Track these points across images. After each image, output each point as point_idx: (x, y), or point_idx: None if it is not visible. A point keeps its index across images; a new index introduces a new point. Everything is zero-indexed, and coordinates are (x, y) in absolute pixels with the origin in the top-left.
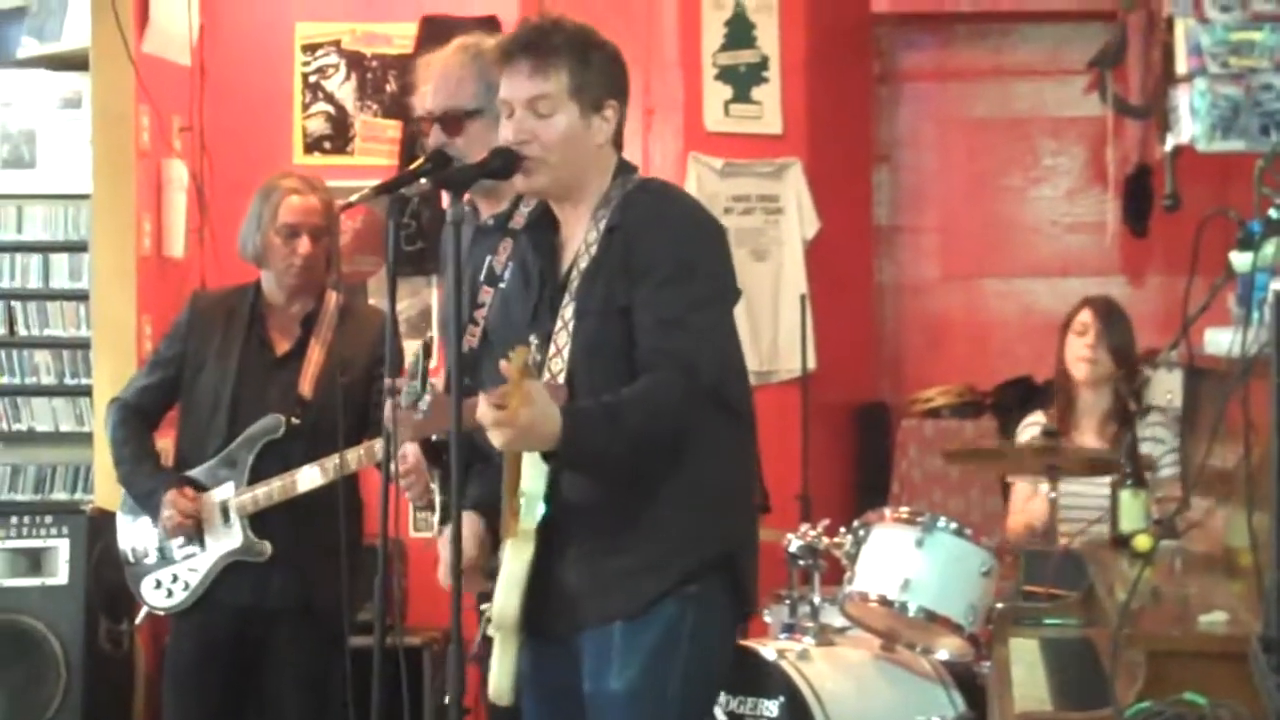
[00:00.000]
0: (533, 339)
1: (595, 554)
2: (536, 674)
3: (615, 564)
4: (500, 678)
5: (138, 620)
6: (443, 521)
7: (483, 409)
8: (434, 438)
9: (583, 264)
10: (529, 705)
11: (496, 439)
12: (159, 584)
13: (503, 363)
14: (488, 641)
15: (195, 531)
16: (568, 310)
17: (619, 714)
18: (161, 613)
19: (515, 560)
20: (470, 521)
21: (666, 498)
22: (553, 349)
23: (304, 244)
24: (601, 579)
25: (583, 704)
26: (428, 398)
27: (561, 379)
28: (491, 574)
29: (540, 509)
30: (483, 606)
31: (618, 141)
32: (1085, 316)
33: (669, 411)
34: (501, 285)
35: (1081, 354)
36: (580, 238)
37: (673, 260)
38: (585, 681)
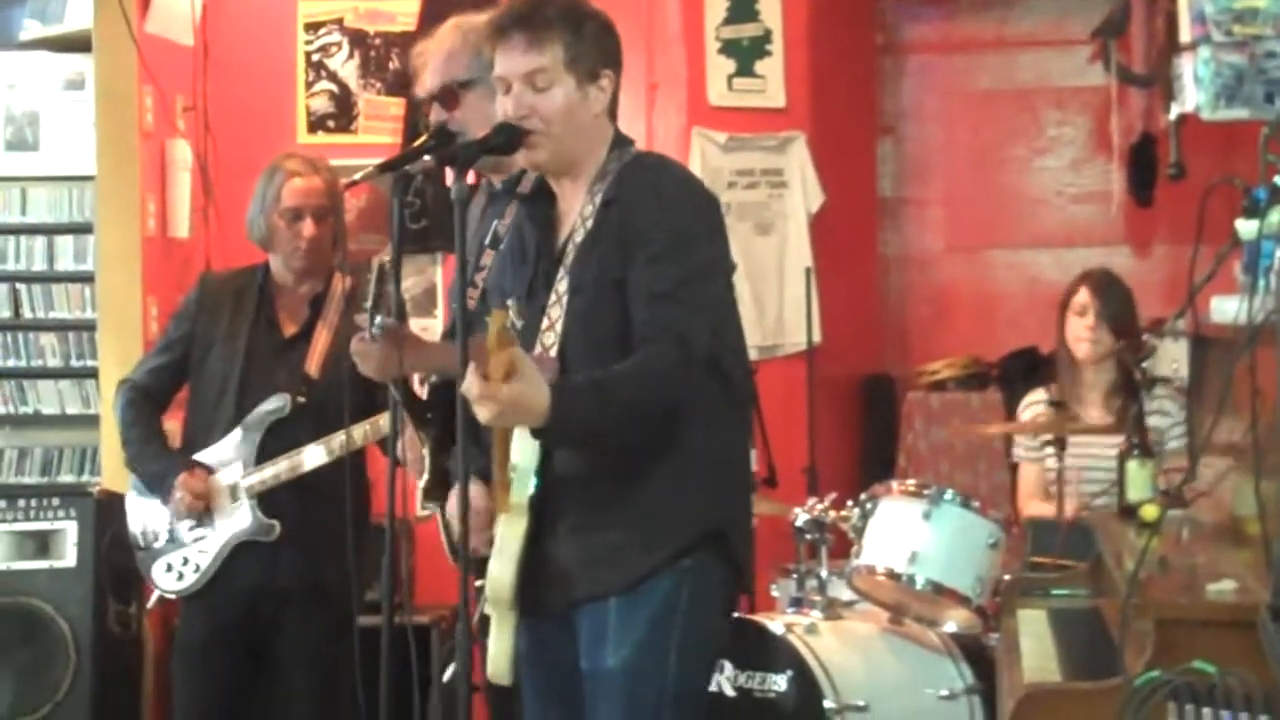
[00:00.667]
0: (510, 303)
1: (589, 528)
2: (534, 653)
3: (609, 538)
4: (498, 657)
5: (149, 604)
6: (430, 486)
7: (467, 381)
8: (423, 395)
9: (578, 237)
10: (527, 685)
11: (481, 413)
12: (170, 567)
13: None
14: (485, 620)
15: (206, 513)
16: (562, 284)
17: (616, 690)
18: (173, 595)
19: (508, 534)
20: (481, 494)
21: (661, 472)
22: (545, 321)
23: (308, 226)
24: (595, 553)
25: (580, 682)
26: (379, 321)
27: (554, 352)
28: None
29: (532, 483)
30: (479, 583)
31: (613, 112)
32: (1083, 296)
33: (661, 385)
34: (501, 248)
35: (1081, 335)
36: (576, 211)
37: (667, 233)
38: (582, 659)
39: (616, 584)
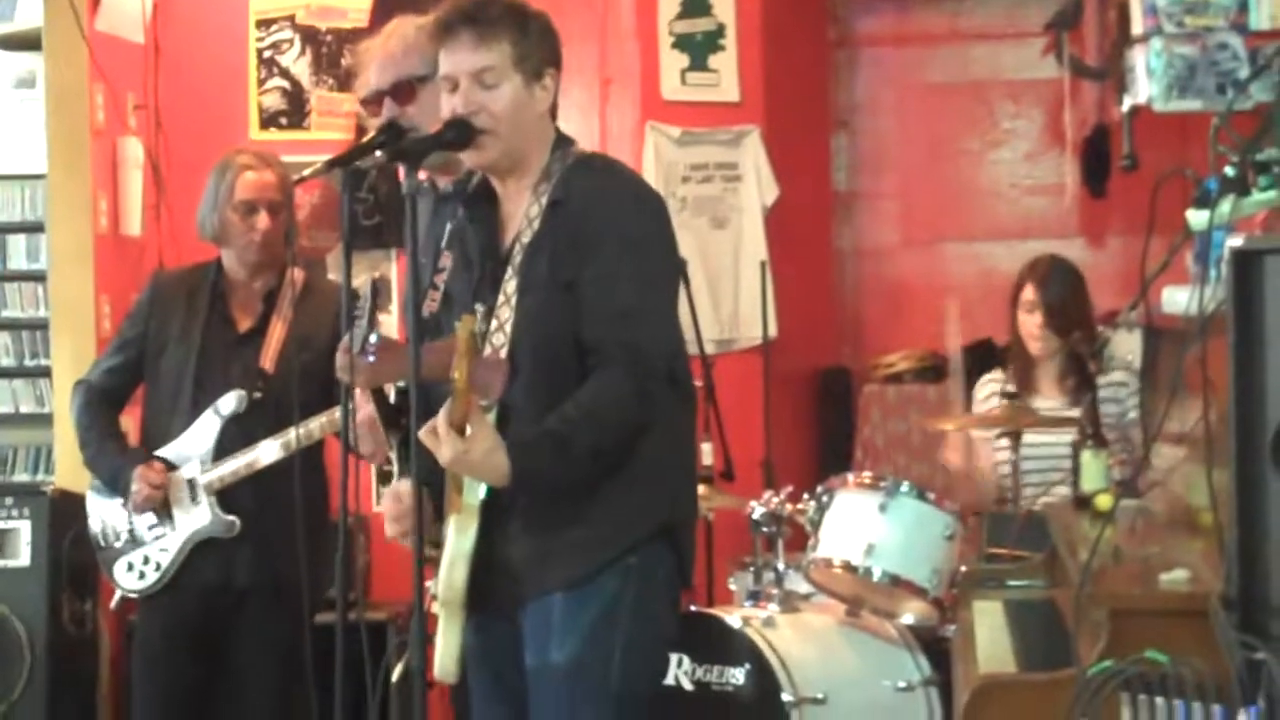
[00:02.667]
0: (478, 306)
1: (539, 528)
2: (483, 652)
3: (558, 538)
4: (445, 656)
5: (112, 604)
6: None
7: (433, 440)
8: (391, 397)
9: (525, 238)
10: (477, 684)
11: (442, 458)
12: (131, 566)
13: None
14: (434, 619)
15: (164, 506)
16: (510, 284)
17: (561, 686)
18: (134, 595)
19: (460, 536)
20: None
21: (612, 473)
22: (494, 323)
23: (262, 219)
24: (545, 552)
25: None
26: (374, 340)
27: (504, 353)
28: (436, 546)
29: (483, 485)
30: (428, 584)
31: (553, 112)
32: (1029, 294)
33: (621, 415)
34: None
35: (1032, 332)
36: (522, 212)
37: (622, 238)
38: (527, 655)
39: (563, 580)
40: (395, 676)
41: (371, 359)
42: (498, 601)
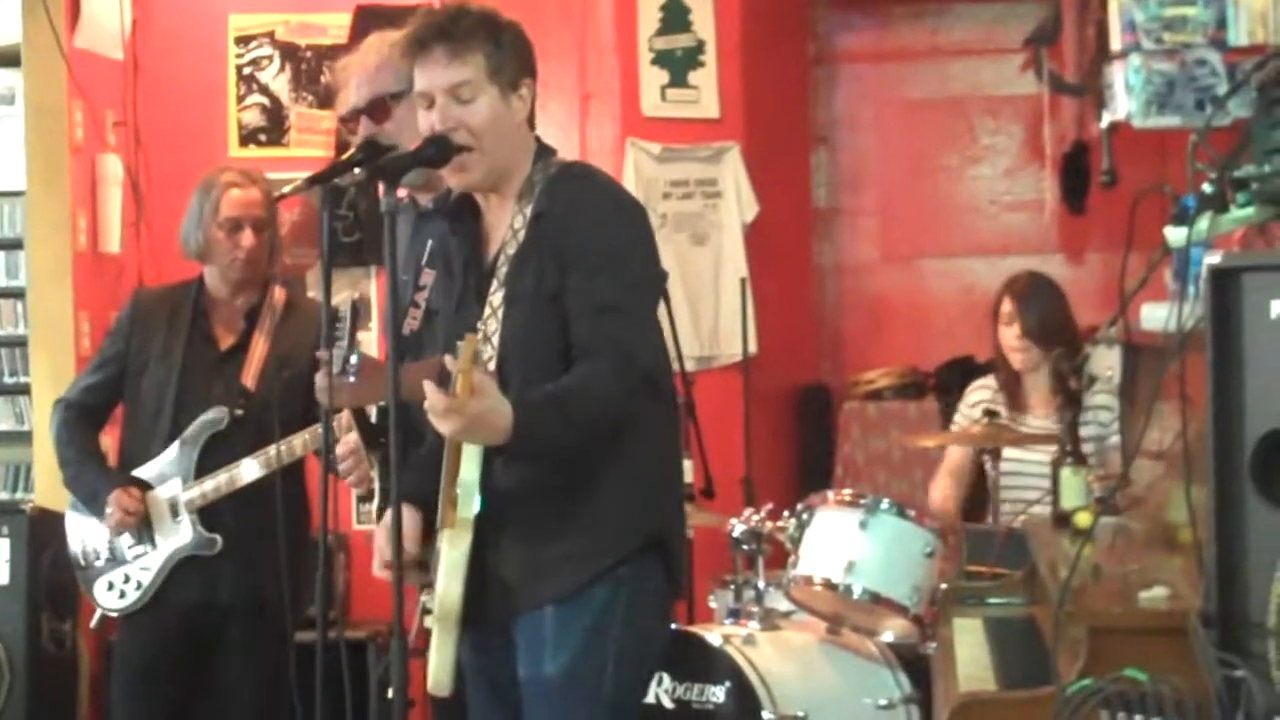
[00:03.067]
0: (480, 326)
1: (531, 541)
2: (479, 666)
3: (551, 550)
4: (438, 669)
5: (92, 624)
6: (382, 509)
7: (432, 397)
8: (372, 418)
9: (510, 249)
10: (474, 698)
11: (444, 427)
12: (111, 585)
13: (447, 358)
14: (428, 633)
15: (141, 529)
16: (496, 296)
17: (554, 697)
18: (115, 614)
19: (454, 549)
20: (407, 516)
21: (601, 484)
22: (480, 335)
23: (247, 237)
24: (537, 565)
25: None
26: (355, 361)
27: (492, 365)
28: (424, 566)
29: (477, 500)
30: (423, 598)
31: (531, 121)
32: (1007, 306)
33: (612, 401)
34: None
35: (1012, 344)
36: (506, 223)
37: (605, 246)
38: (520, 667)
39: (555, 593)
40: (390, 695)
41: (352, 379)
42: (491, 615)
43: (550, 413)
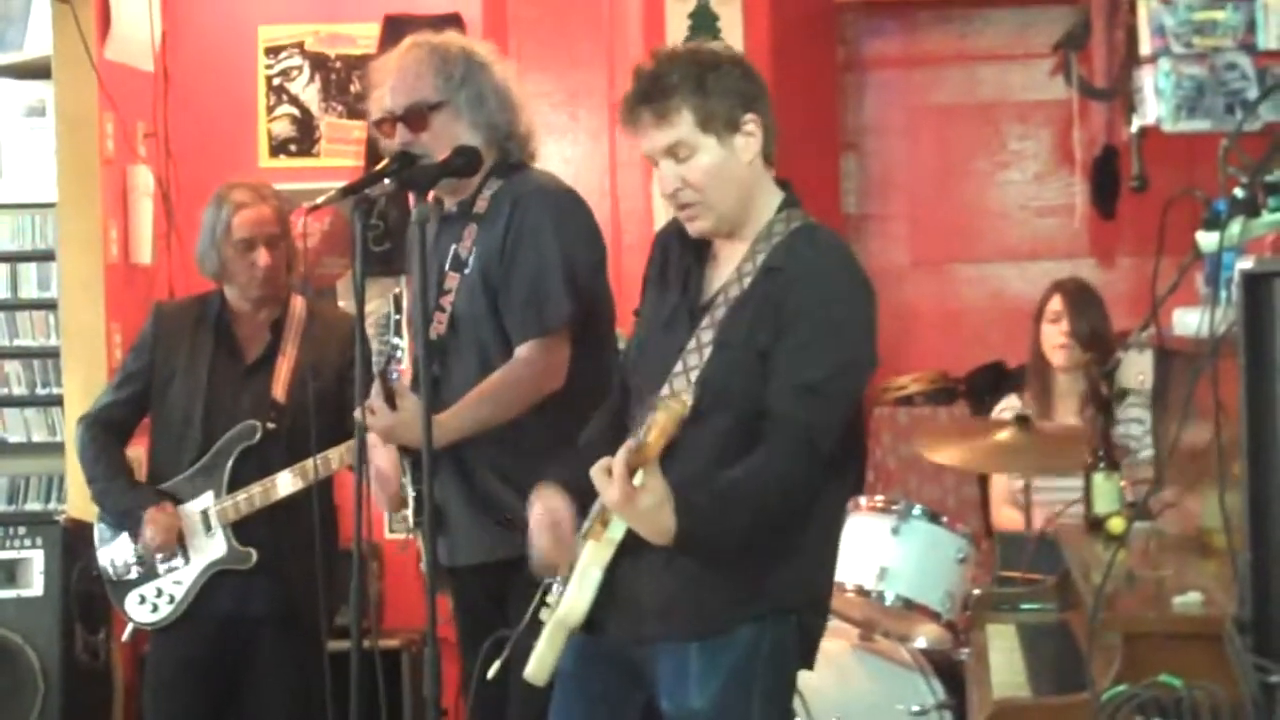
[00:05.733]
0: (681, 360)
1: (679, 571)
2: (580, 676)
3: (699, 584)
4: (544, 659)
5: (124, 638)
6: (417, 514)
7: (599, 470)
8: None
9: (733, 291)
10: (562, 703)
11: (609, 499)
12: (143, 599)
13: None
14: (535, 623)
15: (178, 544)
16: (706, 334)
17: None
18: (148, 628)
19: (593, 563)
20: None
21: (760, 545)
22: (679, 366)
23: (262, 256)
24: (669, 597)
25: (618, 708)
26: (399, 354)
27: (686, 397)
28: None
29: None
30: (548, 581)
31: (769, 151)
32: (1056, 304)
33: (787, 488)
34: (467, 271)
35: (1057, 341)
36: (735, 264)
37: (825, 319)
38: (663, 700)
39: (692, 630)
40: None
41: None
42: (610, 626)
43: (711, 514)
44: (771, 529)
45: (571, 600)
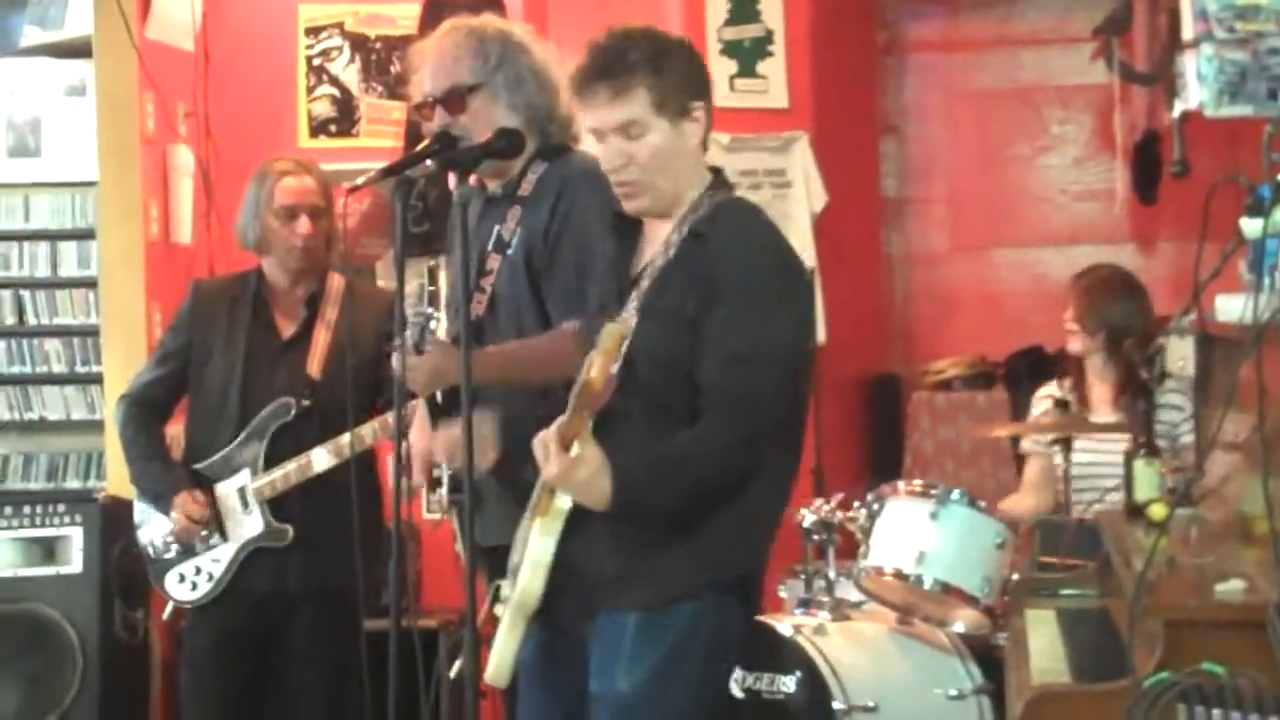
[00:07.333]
0: (627, 316)
1: (621, 548)
2: (542, 666)
3: (638, 561)
4: (501, 660)
5: (164, 616)
6: (452, 491)
7: (537, 443)
8: (438, 398)
9: (658, 262)
10: (527, 699)
11: (547, 473)
12: (182, 578)
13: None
14: (496, 620)
15: (214, 519)
16: (632, 304)
17: (624, 714)
18: (187, 606)
19: (543, 539)
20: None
21: (712, 513)
22: None
23: (303, 224)
24: (620, 572)
25: (585, 697)
26: (430, 329)
27: (614, 369)
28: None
29: None
30: (498, 583)
31: (706, 140)
32: (1071, 293)
33: (728, 459)
34: (509, 253)
35: (1068, 328)
36: (662, 237)
37: (752, 288)
38: (592, 680)
39: (638, 601)
40: (452, 673)
41: (428, 349)
42: (565, 609)
43: (650, 480)
44: (715, 497)
45: (525, 580)
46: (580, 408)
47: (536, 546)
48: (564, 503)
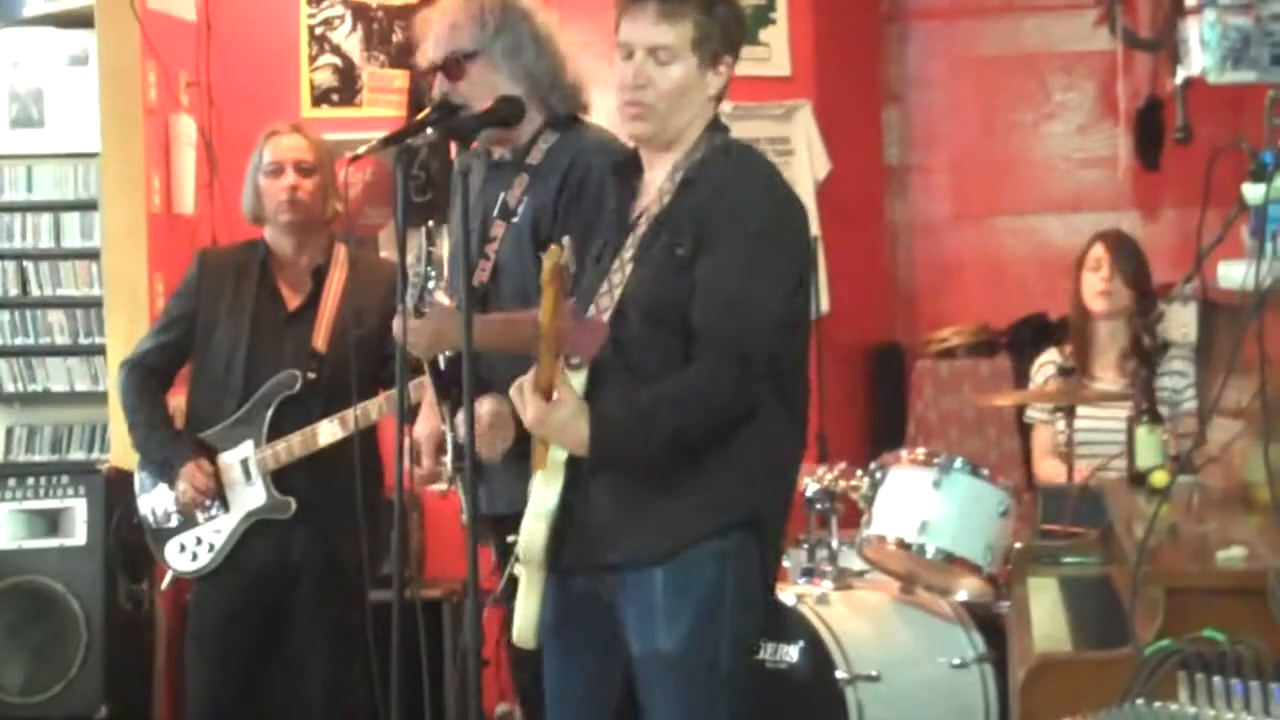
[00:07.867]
0: (565, 240)
1: (624, 494)
2: (559, 620)
3: (646, 502)
4: (525, 620)
5: (163, 586)
6: (457, 459)
7: (520, 399)
8: (441, 365)
9: (653, 210)
10: (553, 661)
11: (525, 419)
12: (183, 548)
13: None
14: (513, 581)
15: (218, 492)
16: (627, 252)
17: (674, 674)
18: (187, 576)
19: (544, 491)
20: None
21: (705, 460)
22: (605, 286)
23: (288, 176)
24: (630, 515)
25: (608, 657)
26: (430, 292)
27: (606, 317)
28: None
29: None
30: (509, 539)
31: (722, 95)
32: (1098, 251)
33: (713, 406)
34: (515, 220)
35: (1097, 288)
36: (657, 184)
37: (744, 228)
38: (634, 643)
39: (659, 552)
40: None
41: (428, 310)
42: (578, 561)
43: (629, 428)
44: (706, 440)
45: (528, 532)
46: (547, 349)
47: (537, 498)
48: (559, 453)
